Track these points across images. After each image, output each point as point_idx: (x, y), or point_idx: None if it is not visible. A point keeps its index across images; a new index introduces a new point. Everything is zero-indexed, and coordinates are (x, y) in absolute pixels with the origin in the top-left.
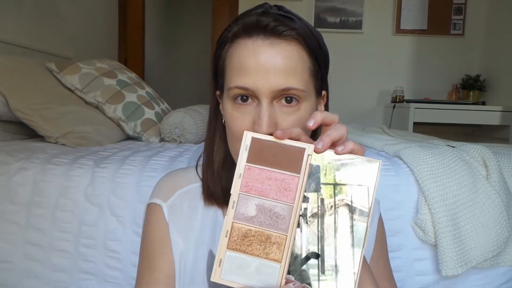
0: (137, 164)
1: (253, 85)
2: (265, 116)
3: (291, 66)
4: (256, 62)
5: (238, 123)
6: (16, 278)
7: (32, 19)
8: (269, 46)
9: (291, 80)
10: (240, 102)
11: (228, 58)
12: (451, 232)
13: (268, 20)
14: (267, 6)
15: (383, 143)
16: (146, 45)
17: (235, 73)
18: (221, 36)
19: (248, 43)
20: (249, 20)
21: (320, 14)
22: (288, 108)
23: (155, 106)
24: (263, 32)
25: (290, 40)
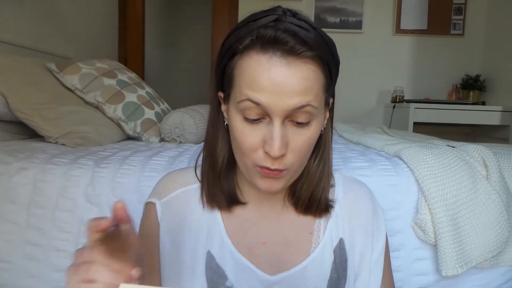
0: (137, 164)
1: (266, 103)
2: (277, 138)
3: (306, 86)
4: (271, 81)
5: (249, 140)
6: (16, 278)
7: (32, 19)
8: (285, 66)
9: (305, 98)
10: (251, 121)
11: (239, 69)
12: (451, 232)
13: (286, 37)
14: (281, 12)
15: (383, 143)
16: (146, 45)
17: (247, 86)
18: (229, 42)
19: (262, 60)
20: (265, 33)
21: (320, 14)
22: (299, 128)
23: (155, 106)
24: (280, 50)
25: (307, 59)
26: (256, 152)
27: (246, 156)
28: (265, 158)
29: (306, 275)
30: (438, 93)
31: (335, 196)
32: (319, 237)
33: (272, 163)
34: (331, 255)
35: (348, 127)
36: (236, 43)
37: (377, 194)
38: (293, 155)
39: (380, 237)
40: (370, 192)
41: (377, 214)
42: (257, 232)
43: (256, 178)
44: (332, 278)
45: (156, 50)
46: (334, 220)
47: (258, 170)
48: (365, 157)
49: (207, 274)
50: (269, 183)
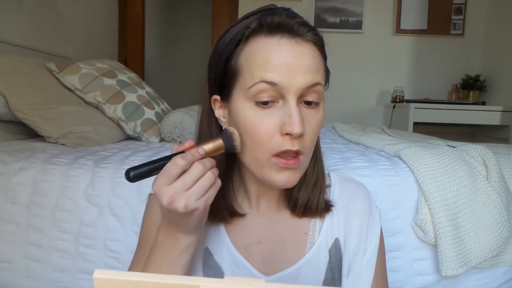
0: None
1: (281, 82)
2: (297, 116)
3: (315, 64)
4: (284, 60)
5: (264, 126)
6: (16, 278)
7: (32, 19)
8: (295, 45)
9: (317, 76)
10: (262, 105)
11: (246, 56)
12: (451, 232)
13: (291, 21)
14: (273, 7)
15: (383, 143)
16: (146, 45)
17: (260, 68)
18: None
19: (272, 41)
20: (272, 19)
21: (320, 14)
22: (310, 109)
23: (155, 106)
24: (288, 31)
25: (310, 41)
26: (273, 138)
27: (259, 147)
28: (284, 141)
29: (301, 275)
30: (438, 93)
31: (331, 196)
32: (314, 237)
33: (293, 144)
34: (326, 256)
35: (348, 127)
36: (240, 31)
37: (377, 194)
38: (308, 137)
39: (374, 237)
40: (366, 191)
41: (372, 213)
42: (253, 231)
43: (272, 172)
44: (328, 279)
45: (156, 50)
46: (330, 220)
47: (274, 162)
48: (365, 157)
49: (204, 270)
50: (287, 176)
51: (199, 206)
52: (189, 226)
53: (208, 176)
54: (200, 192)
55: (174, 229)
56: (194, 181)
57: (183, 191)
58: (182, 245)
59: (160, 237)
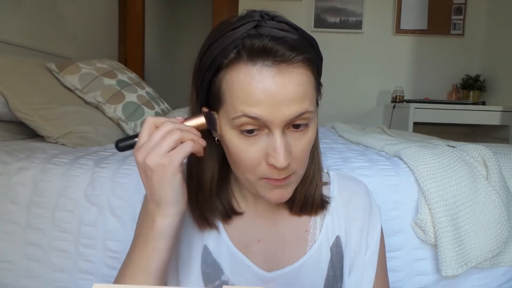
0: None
1: (264, 116)
2: (281, 149)
3: (302, 92)
4: (266, 93)
5: (249, 155)
6: (16, 278)
7: (32, 19)
8: (278, 75)
9: (303, 105)
10: (247, 134)
11: (228, 84)
12: (451, 232)
13: (275, 45)
14: (258, 17)
15: (383, 143)
16: (146, 45)
17: (241, 101)
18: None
19: (252, 71)
20: (252, 44)
21: (320, 14)
22: (298, 133)
23: (155, 106)
24: (270, 58)
25: (298, 64)
26: (259, 166)
27: (248, 172)
28: (271, 170)
29: (302, 273)
30: (438, 93)
31: (330, 194)
32: (315, 235)
33: (279, 174)
34: (327, 253)
35: (348, 127)
36: (219, 57)
37: (377, 194)
38: (297, 161)
39: (375, 234)
40: (365, 189)
41: (373, 211)
42: (252, 230)
43: (263, 190)
44: (329, 276)
45: (156, 50)
46: (330, 217)
47: (264, 182)
48: (365, 157)
49: (203, 268)
50: (278, 194)
51: (163, 162)
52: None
53: (174, 133)
54: (163, 146)
55: (153, 208)
56: (161, 136)
57: (151, 146)
58: (158, 227)
59: (140, 217)
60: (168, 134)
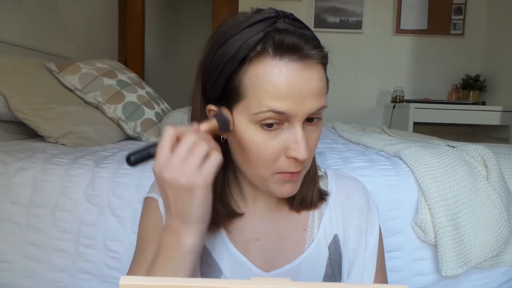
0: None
1: (289, 110)
2: (303, 141)
3: (321, 87)
4: (293, 87)
5: (270, 149)
6: (16, 278)
7: (32, 19)
8: (303, 70)
9: (322, 100)
10: (267, 128)
11: (250, 79)
12: (451, 232)
13: (300, 42)
14: (274, 13)
15: (383, 143)
16: (146, 45)
17: (267, 96)
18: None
19: (280, 65)
20: (281, 39)
21: (320, 14)
22: (312, 126)
23: (155, 106)
24: (297, 54)
25: (317, 61)
26: (278, 160)
27: (264, 167)
28: (290, 164)
29: (301, 272)
30: (438, 93)
31: (328, 191)
32: (313, 234)
33: (297, 166)
34: (325, 252)
35: (348, 127)
36: (241, 51)
37: (377, 194)
38: (310, 154)
39: (373, 233)
40: (363, 187)
41: (370, 209)
42: (251, 228)
43: (275, 186)
44: (328, 275)
45: (156, 50)
46: (328, 216)
47: (278, 177)
48: (365, 157)
49: (202, 269)
50: (289, 188)
51: (197, 181)
52: (192, 212)
53: (202, 145)
54: (194, 161)
55: (178, 225)
56: (188, 150)
57: (178, 163)
58: (186, 245)
59: (165, 237)
60: (195, 147)
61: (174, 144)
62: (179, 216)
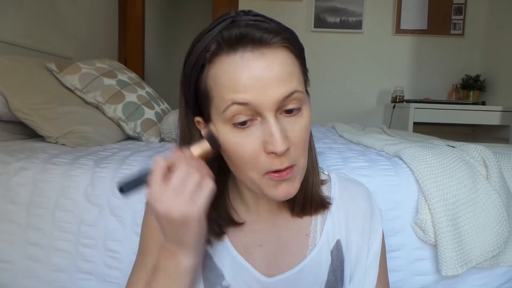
0: (137, 164)
1: (254, 100)
2: (277, 132)
3: (287, 71)
4: (252, 76)
5: (247, 149)
6: (16, 278)
7: (32, 19)
8: (260, 57)
9: (291, 85)
10: (240, 126)
11: (213, 78)
12: (451, 232)
13: (250, 30)
14: (234, 14)
15: (383, 143)
16: (146, 45)
17: (229, 91)
18: (192, 58)
19: (235, 59)
20: (230, 34)
21: (320, 14)
22: (292, 117)
23: (155, 106)
24: (250, 44)
25: (277, 46)
26: (260, 158)
27: (250, 168)
28: (272, 160)
29: (303, 277)
30: (438, 93)
31: (332, 195)
32: (316, 239)
33: (281, 162)
34: (328, 257)
35: (348, 127)
36: (201, 56)
37: (377, 194)
38: (296, 147)
39: (377, 237)
40: (367, 191)
41: (374, 214)
42: (253, 234)
43: (269, 189)
44: (330, 280)
45: (156, 50)
46: (331, 221)
47: (268, 178)
48: (365, 157)
49: (204, 273)
50: (285, 189)
51: (190, 212)
52: (187, 239)
53: (194, 175)
54: (186, 193)
55: (175, 248)
56: (180, 182)
57: (171, 195)
58: (183, 266)
59: (163, 259)
60: (187, 179)
61: (166, 174)
62: (174, 241)
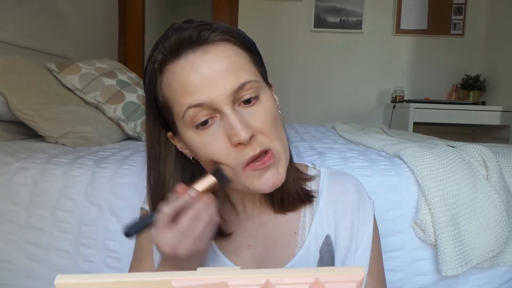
0: (137, 164)
1: (206, 98)
2: (237, 123)
3: (234, 63)
4: (199, 75)
5: (214, 147)
6: (16, 278)
7: (32, 19)
8: (203, 55)
9: (241, 76)
10: (202, 127)
11: (166, 88)
12: (451, 232)
13: (187, 32)
14: (176, 25)
15: (383, 143)
16: (146, 45)
17: (182, 96)
18: (147, 75)
19: (180, 63)
20: (170, 42)
21: (320, 14)
22: (251, 107)
23: None
24: (190, 46)
25: (219, 42)
26: (231, 154)
27: (227, 166)
28: (242, 151)
29: None
30: (438, 93)
31: (320, 190)
32: (304, 237)
33: (253, 148)
34: (316, 254)
35: (348, 127)
36: (152, 67)
37: (377, 194)
38: (263, 134)
39: (366, 230)
40: (356, 184)
41: (364, 206)
42: (241, 235)
43: (254, 181)
44: None
45: None
46: (319, 217)
47: (250, 170)
48: (365, 157)
49: None
50: (270, 178)
51: (199, 246)
52: (192, 264)
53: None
54: (194, 235)
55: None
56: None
57: (178, 238)
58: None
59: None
60: (196, 222)
61: (172, 219)
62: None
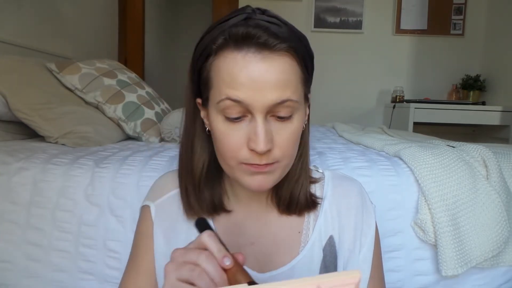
0: (137, 164)
1: (246, 99)
2: (261, 133)
3: (284, 79)
4: (249, 77)
5: (231, 139)
6: (16, 278)
7: (32, 19)
8: (261, 61)
9: (285, 93)
10: (231, 119)
11: (215, 70)
12: (451, 232)
13: (258, 32)
14: (250, 11)
15: (383, 143)
16: (146, 45)
17: (226, 85)
18: (202, 45)
19: (237, 57)
20: (237, 31)
21: (320, 14)
22: (281, 123)
23: (155, 106)
24: (254, 45)
25: (281, 53)
26: (241, 150)
27: (229, 157)
28: (252, 156)
29: (295, 274)
30: (438, 93)
31: (324, 193)
32: (308, 236)
33: (260, 159)
34: (320, 254)
35: (348, 127)
36: (209, 45)
37: (377, 194)
38: (279, 150)
39: (369, 233)
40: (359, 187)
41: (367, 209)
42: (245, 232)
43: (243, 176)
44: None
45: (156, 50)
46: (323, 218)
47: (243, 167)
48: (365, 157)
49: None
50: (259, 180)
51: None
52: None
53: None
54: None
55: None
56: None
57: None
58: None
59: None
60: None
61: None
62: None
